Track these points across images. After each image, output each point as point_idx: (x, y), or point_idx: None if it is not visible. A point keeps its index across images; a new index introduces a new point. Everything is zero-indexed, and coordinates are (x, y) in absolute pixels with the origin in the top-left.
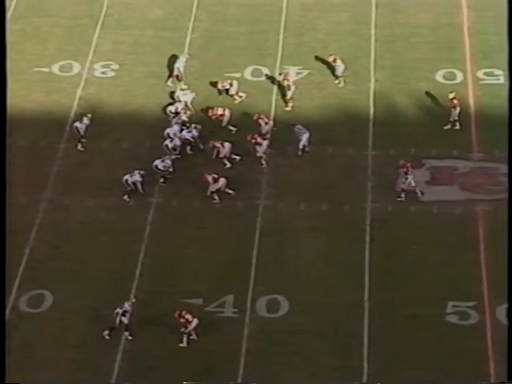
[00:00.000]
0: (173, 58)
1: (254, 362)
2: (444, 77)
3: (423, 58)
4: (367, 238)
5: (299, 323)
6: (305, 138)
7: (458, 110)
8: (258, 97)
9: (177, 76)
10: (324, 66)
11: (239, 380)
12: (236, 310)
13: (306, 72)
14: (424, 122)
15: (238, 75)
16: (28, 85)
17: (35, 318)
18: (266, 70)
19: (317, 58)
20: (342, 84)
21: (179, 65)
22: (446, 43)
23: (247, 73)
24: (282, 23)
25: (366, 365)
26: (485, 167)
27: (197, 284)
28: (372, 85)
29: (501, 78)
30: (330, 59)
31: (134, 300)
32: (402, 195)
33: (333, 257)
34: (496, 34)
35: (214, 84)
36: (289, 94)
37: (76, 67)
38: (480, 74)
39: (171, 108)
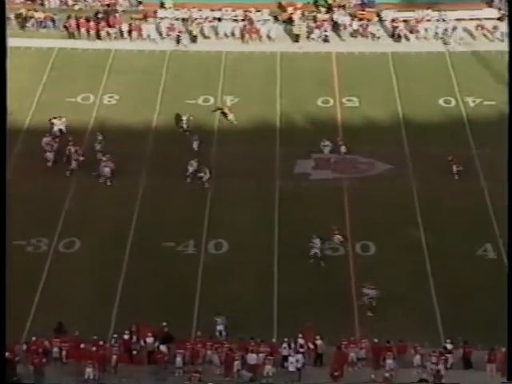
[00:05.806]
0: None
1: (206, 279)
2: (322, 102)
3: (310, 90)
4: (276, 204)
5: (234, 257)
6: (195, 143)
7: (458, 167)
8: (206, 116)
9: None
10: (250, 95)
11: (199, 283)
12: (195, 249)
13: (237, 99)
14: (312, 130)
15: (193, 102)
16: (62, 110)
17: (68, 256)
18: (212, 98)
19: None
20: None
21: None
22: (323, 81)
23: (200, 100)
24: (222, 68)
25: (276, 285)
26: (347, 158)
27: (170, 234)
28: (278, 107)
29: (356, 102)
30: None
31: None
32: None
33: (255, 216)
34: (353, 76)
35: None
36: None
37: (92, 98)
38: (344, 100)
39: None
